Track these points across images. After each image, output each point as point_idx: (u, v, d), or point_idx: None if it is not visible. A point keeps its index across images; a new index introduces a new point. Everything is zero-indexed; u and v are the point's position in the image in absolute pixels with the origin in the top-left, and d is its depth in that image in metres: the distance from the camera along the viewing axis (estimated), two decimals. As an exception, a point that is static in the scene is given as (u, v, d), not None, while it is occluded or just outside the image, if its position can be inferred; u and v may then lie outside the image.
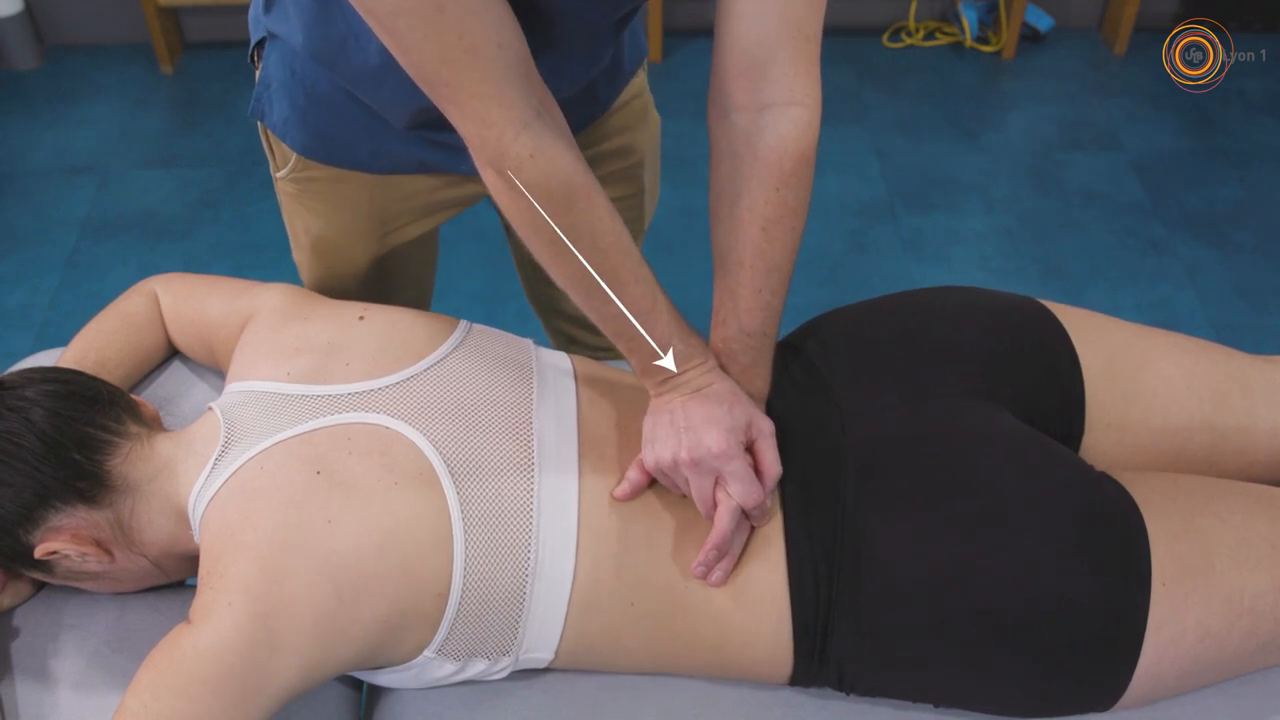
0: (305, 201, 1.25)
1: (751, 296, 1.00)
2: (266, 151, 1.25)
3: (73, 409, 1.01)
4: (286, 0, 1.07)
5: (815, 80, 0.94)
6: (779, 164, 0.95)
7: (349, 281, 1.32)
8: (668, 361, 1.00)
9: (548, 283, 1.23)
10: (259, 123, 1.22)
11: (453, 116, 0.89)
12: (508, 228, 1.36)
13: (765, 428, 1.01)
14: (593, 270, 0.95)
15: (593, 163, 1.24)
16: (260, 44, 1.16)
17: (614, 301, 0.97)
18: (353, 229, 1.26)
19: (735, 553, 1.00)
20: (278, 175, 1.25)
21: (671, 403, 1.01)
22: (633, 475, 1.02)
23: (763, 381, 1.05)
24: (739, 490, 0.97)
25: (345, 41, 1.03)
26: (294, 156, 1.21)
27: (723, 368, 1.03)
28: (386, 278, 1.34)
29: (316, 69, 1.10)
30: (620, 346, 1.01)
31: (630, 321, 0.98)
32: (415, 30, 0.83)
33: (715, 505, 0.99)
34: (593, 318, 1.00)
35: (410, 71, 0.88)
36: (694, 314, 1.05)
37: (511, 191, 0.91)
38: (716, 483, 0.99)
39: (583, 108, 1.21)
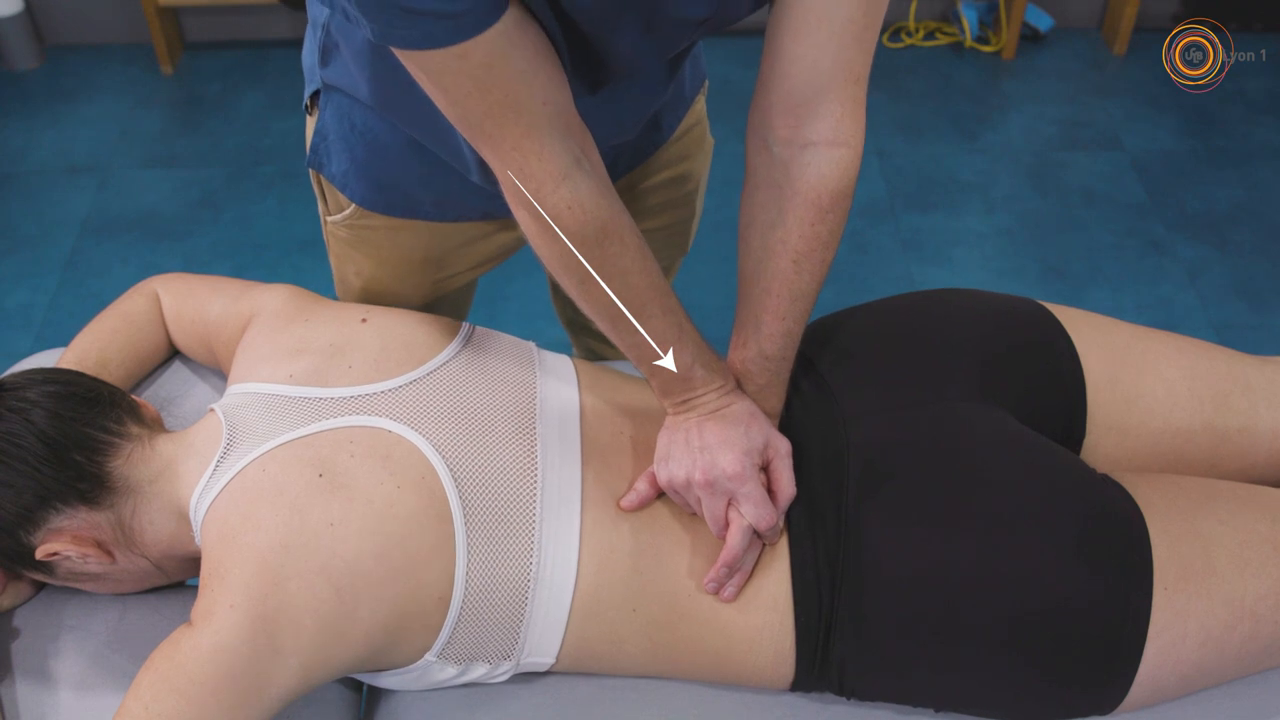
0: (359, 247, 1.24)
1: (774, 323, 1.00)
2: (317, 194, 1.23)
3: (74, 410, 1.01)
4: (344, 53, 1.05)
5: (861, 122, 0.93)
6: (817, 200, 0.95)
7: None
8: (686, 384, 1.00)
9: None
10: (314, 171, 1.20)
11: (492, 163, 0.89)
12: None
13: (782, 448, 1.01)
14: (621, 304, 0.96)
15: (650, 191, 1.25)
16: (315, 95, 1.15)
17: (639, 332, 0.98)
18: (407, 274, 1.25)
19: (747, 569, 1.00)
20: (330, 219, 1.23)
21: (688, 422, 1.01)
22: (641, 488, 1.02)
23: (777, 400, 1.05)
24: (752, 512, 0.97)
25: (414, 89, 0.98)
26: (351, 206, 1.19)
27: (739, 386, 1.04)
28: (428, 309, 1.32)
29: (377, 120, 1.09)
30: (642, 370, 1.02)
31: (654, 349, 0.99)
32: (462, 87, 0.83)
33: (727, 524, 0.99)
34: (616, 344, 1.01)
35: (453, 121, 0.88)
36: (694, 311, 1.05)
37: (545, 235, 0.91)
38: (729, 503, 0.98)
39: (645, 139, 1.21)
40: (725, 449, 0.98)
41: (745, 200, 1.00)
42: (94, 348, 1.17)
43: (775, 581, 1.00)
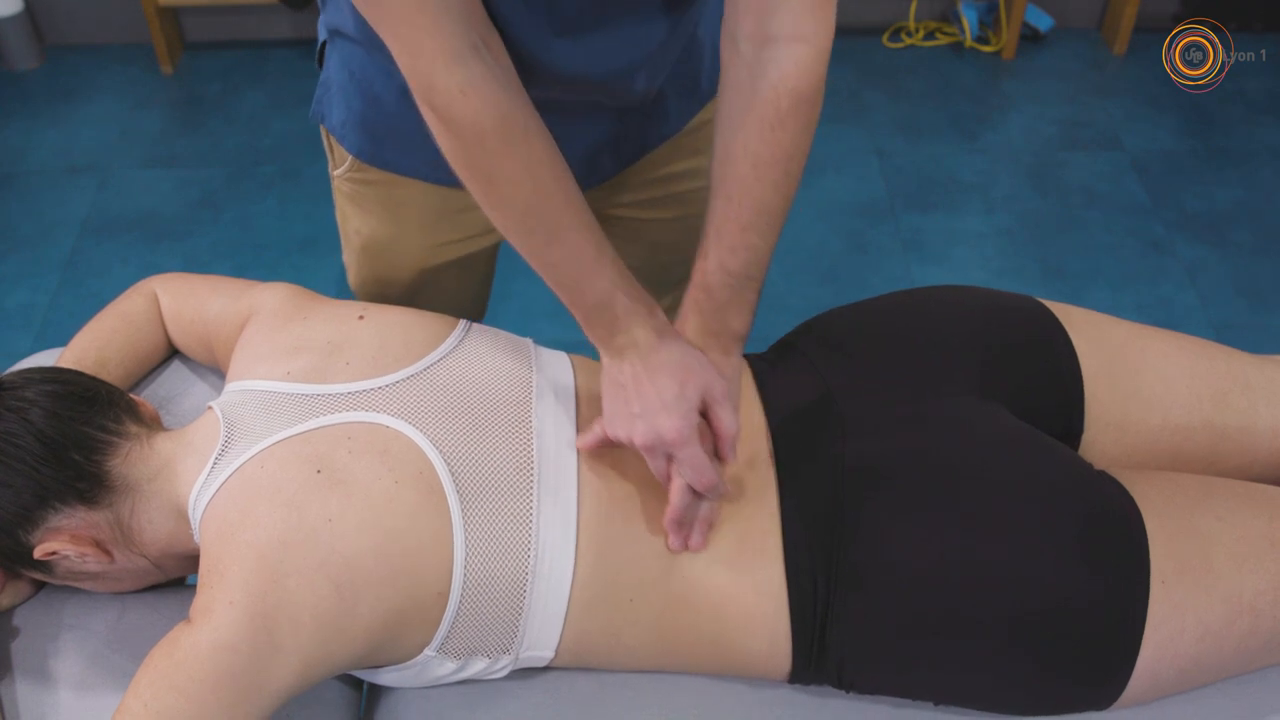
0: (359, 203, 1.24)
1: (736, 234, 0.98)
2: (326, 149, 1.24)
3: (72, 409, 1.01)
4: None
5: (827, 19, 0.91)
6: (775, 102, 0.93)
7: (394, 288, 1.30)
8: (610, 314, 0.97)
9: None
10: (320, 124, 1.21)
11: (390, 46, 0.88)
12: None
13: (718, 390, 0.98)
14: (531, 213, 0.93)
15: (661, 182, 1.22)
16: (324, 47, 1.15)
17: (554, 248, 0.95)
18: (402, 236, 1.24)
19: (702, 518, 0.99)
20: (334, 173, 1.24)
21: (623, 374, 0.98)
22: (596, 430, 1.01)
23: (739, 323, 1.01)
24: (691, 475, 0.96)
25: None
26: (350, 158, 1.20)
27: (695, 307, 1.01)
28: (433, 295, 1.31)
29: (374, 68, 1.09)
30: (562, 298, 0.98)
31: (570, 270, 0.96)
32: None
33: (670, 480, 0.98)
34: (533, 265, 0.97)
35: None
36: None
37: (443, 128, 0.89)
38: (670, 459, 0.98)
39: (652, 127, 1.20)
40: (663, 413, 0.96)
41: (719, 105, 0.99)
42: (93, 347, 1.17)
43: (767, 567, 1.00)
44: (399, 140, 1.14)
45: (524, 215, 0.94)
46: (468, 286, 1.37)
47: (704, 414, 0.99)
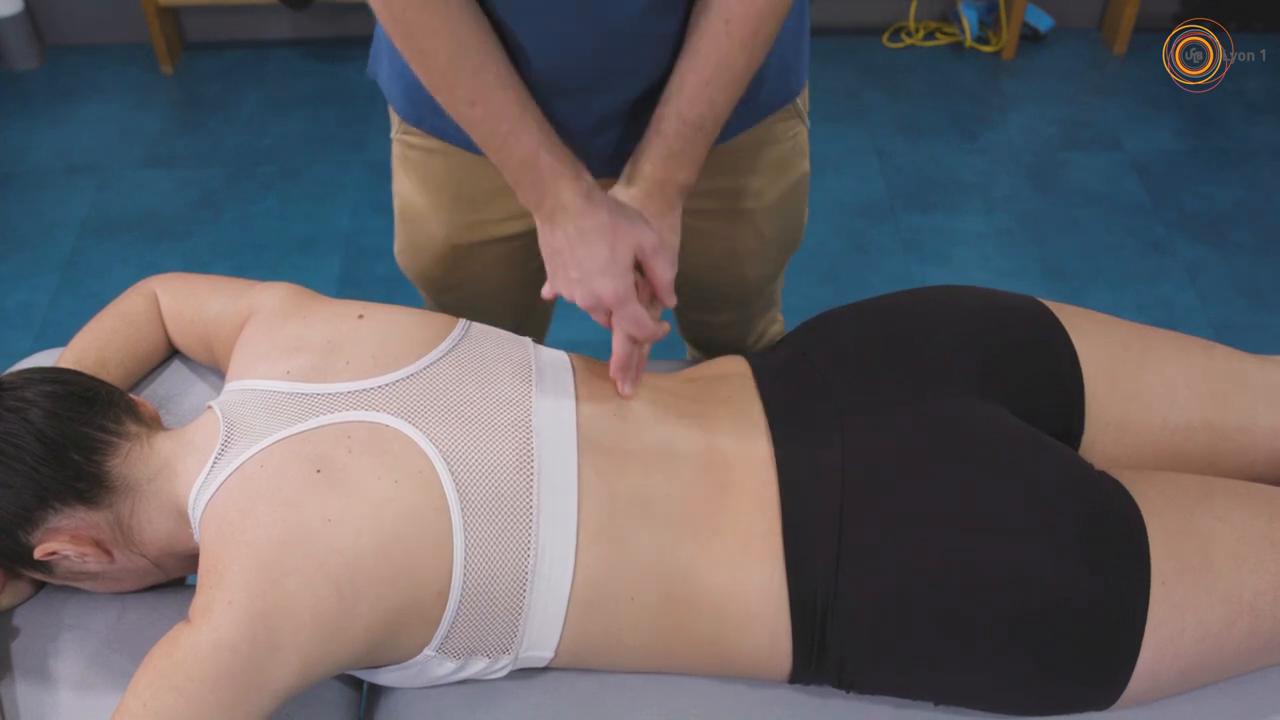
0: (403, 166, 1.26)
1: (698, 87, 1.01)
2: (388, 111, 1.27)
3: (72, 410, 1.01)
4: None
5: None
6: None
7: (429, 259, 1.31)
8: (535, 175, 1.02)
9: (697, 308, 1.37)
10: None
11: None
12: None
13: (648, 244, 1.03)
14: (452, 70, 0.97)
15: (693, 194, 1.17)
16: None
17: (476, 106, 0.99)
18: (437, 206, 1.25)
19: (640, 364, 1.08)
20: (391, 136, 1.27)
21: (557, 240, 1.04)
22: (545, 290, 1.09)
23: (685, 175, 1.06)
24: (631, 329, 1.05)
25: None
26: (398, 118, 1.22)
27: (647, 153, 1.05)
28: (469, 281, 1.31)
29: None
30: (491, 158, 1.03)
31: (495, 128, 1.00)
32: None
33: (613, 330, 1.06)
34: (462, 125, 1.02)
35: None
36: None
37: None
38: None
39: None
40: (599, 277, 1.02)
41: None
42: (93, 347, 1.17)
43: (768, 567, 1.00)
44: (431, 100, 1.13)
45: (445, 70, 0.97)
46: (507, 285, 1.34)
47: (640, 268, 1.05)
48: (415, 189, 1.26)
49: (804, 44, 1.20)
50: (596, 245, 1.02)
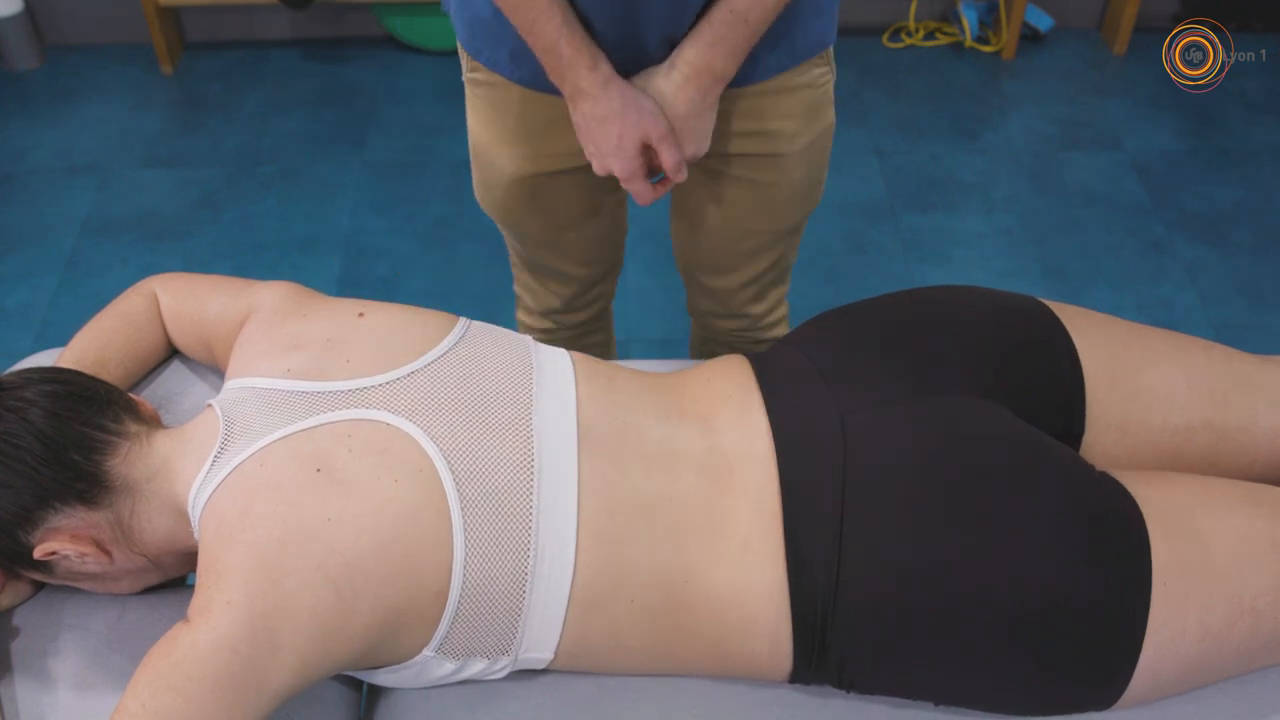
0: (472, 104, 1.33)
1: None
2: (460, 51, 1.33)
3: (72, 409, 1.01)
4: None
5: None
6: None
7: (500, 193, 1.37)
8: (557, 60, 1.13)
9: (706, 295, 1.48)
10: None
11: None
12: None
13: (655, 134, 1.16)
14: None
15: (740, 137, 1.28)
16: None
17: None
18: (500, 141, 1.31)
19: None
20: (463, 76, 1.33)
21: (579, 117, 1.18)
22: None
23: (723, 64, 1.14)
24: (636, 196, 1.23)
25: None
26: (466, 55, 1.28)
27: (692, 38, 1.13)
28: (545, 210, 1.38)
29: None
30: (529, 45, 1.14)
31: (526, 13, 1.10)
32: None
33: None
34: (503, 10, 1.12)
35: None
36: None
37: None
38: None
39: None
40: (610, 156, 1.18)
41: None
42: (92, 347, 1.17)
43: (769, 569, 1.00)
44: (487, 30, 1.22)
45: None
46: (579, 215, 1.41)
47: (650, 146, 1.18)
48: (481, 125, 1.33)
49: None
50: (607, 129, 1.16)
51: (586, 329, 1.63)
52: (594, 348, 1.67)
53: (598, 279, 1.53)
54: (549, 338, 1.62)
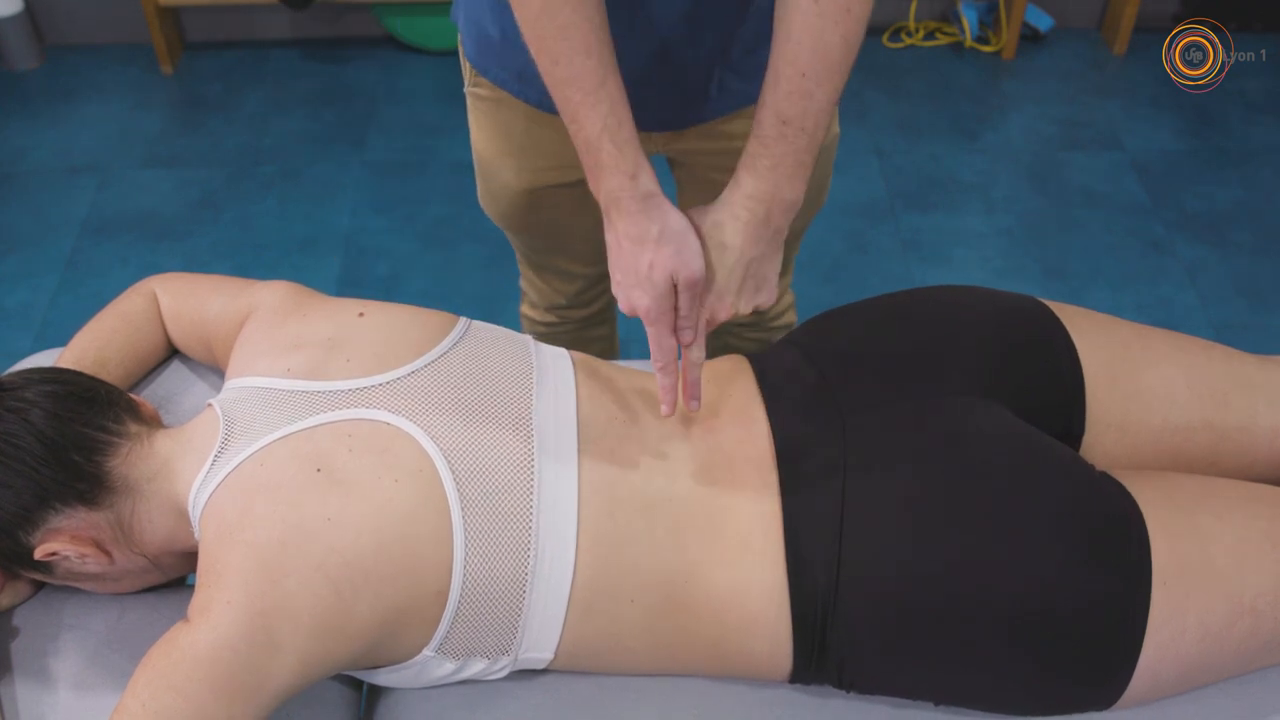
0: (475, 117, 1.31)
1: (793, 77, 0.94)
2: (461, 63, 1.29)
3: (72, 410, 1.01)
4: None
5: None
6: None
7: (505, 204, 1.35)
8: (596, 158, 0.99)
9: None
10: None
11: None
12: None
13: (686, 278, 1.00)
14: (544, 20, 0.94)
15: (694, 155, 1.23)
16: None
17: (560, 67, 0.96)
18: (505, 154, 1.28)
19: (689, 377, 1.03)
20: (465, 90, 1.30)
21: (612, 235, 1.03)
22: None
23: (792, 189, 0.99)
24: (653, 350, 1.03)
25: None
26: (470, 68, 1.25)
27: (749, 164, 1.00)
28: (549, 220, 1.34)
29: None
30: (566, 125, 1.00)
31: (571, 97, 0.97)
32: None
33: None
34: (549, 87, 0.99)
35: None
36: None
37: None
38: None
39: (690, 104, 1.20)
40: (637, 289, 1.01)
41: None
42: (92, 347, 1.17)
43: (769, 569, 1.00)
44: (494, 48, 1.18)
45: (536, 19, 0.94)
46: (585, 226, 1.36)
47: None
48: (485, 139, 1.31)
49: None
50: (636, 257, 1.00)
51: (589, 324, 1.63)
52: (597, 342, 1.67)
53: (602, 276, 1.53)
54: (551, 331, 1.62)
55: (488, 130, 1.30)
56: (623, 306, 1.05)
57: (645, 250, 1.00)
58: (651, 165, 1.02)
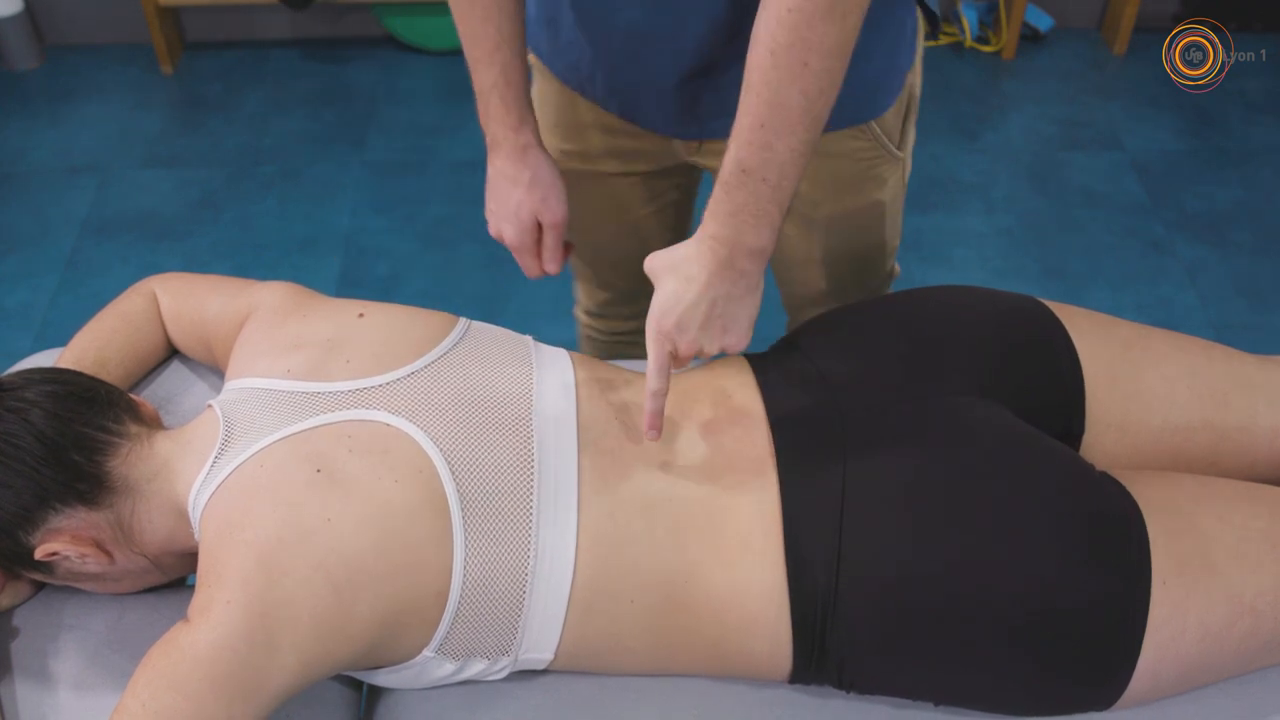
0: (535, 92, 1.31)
1: (752, 130, 0.92)
2: None
3: (72, 410, 1.01)
4: None
5: None
6: None
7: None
8: (485, 111, 1.14)
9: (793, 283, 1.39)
10: None
11: None
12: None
13: (549, 219, 1.17)
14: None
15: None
16: None
17: (462, 23, 1.10)
18: (546, 129, 1.28)
19: (647, 405, 1.02)
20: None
21: (490, 170, 1.18)
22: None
23: (755, 237, 0.96)
24: (524, 268, 1.24)
25: None
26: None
27: (712, 211, 0.97)
28: (576, 214, 1.30)
29: None
30: (470, 71, 1.12)
31: (472, 50, 1.11)
32: None
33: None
34: (459, 32, 1.12)
35: None
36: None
37: None
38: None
39: (700, 117, 1.17)
40: (505, 221, 1.19)
41: None
42: (92, 347, 1.17)
43: (769, 569, 1.00)
44: (534, 16, 1.21)
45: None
46: (611, 226, 1.38)
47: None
48: (538, 110, 1.28)
49: (880, 68, 1.16)
50: (508, 194, 1.17)
51: (622, 341, 1.61)
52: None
53: (634, 295, 1.47)
54: (584, 335, 1.63)
55: (537, 101, 1.28)
56: (491, 232, 1.21)
57: (516, 190, 1.17)
58: (534, 121, 1.17)
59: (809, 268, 1.34)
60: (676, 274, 0.99)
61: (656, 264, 1.01)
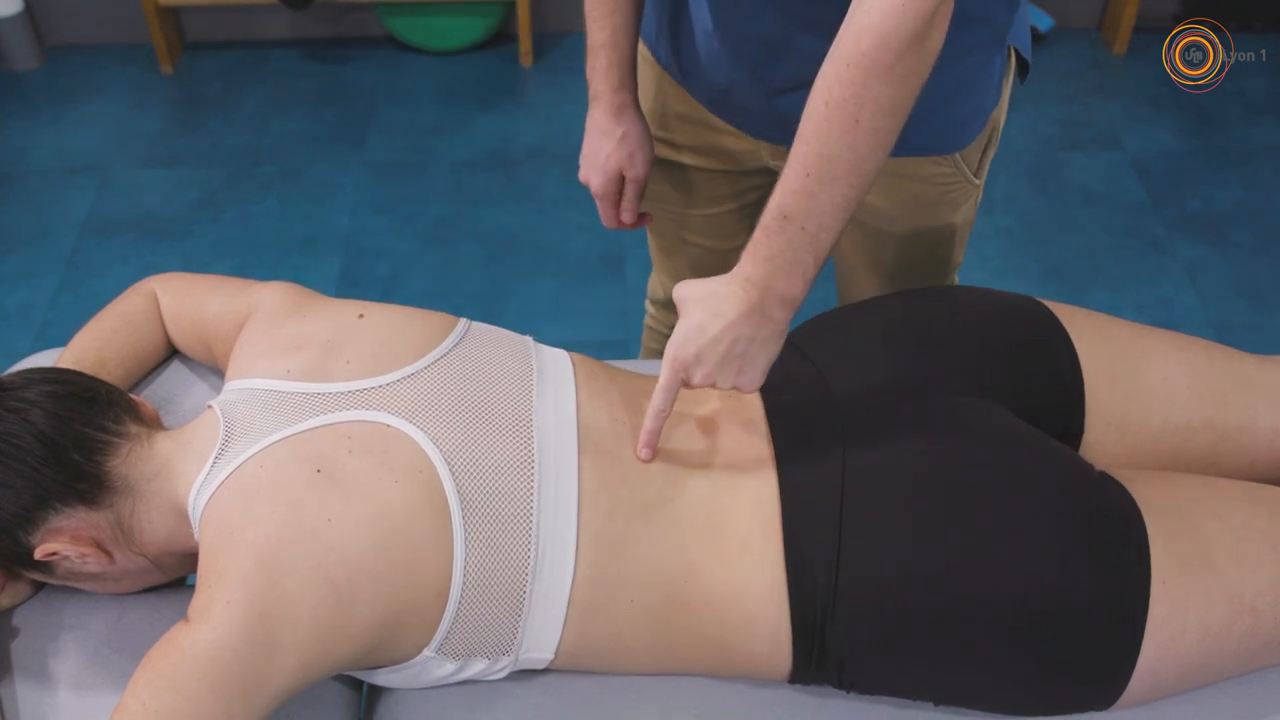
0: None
1: (798, 177, 0.93)
2: None
3: (72, 410, 1.01)
4: None
5: None
6: (856, 40, 0.88)
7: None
8: (591, 65, 1.24)
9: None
10: None
11: None
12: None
13: (633, 175, 1.27)
14: None
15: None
16: None
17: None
18: (648, 111, 1.33)
19: (645, 424, 1.04)
20: None
21: (591, 119, 1.27)
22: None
23: (786, 284, 0.96)
24: (602, 215, 1.31)
25: None
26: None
27: (749, 252, 0.98)
28: (654, 200, 1.39)
29: None
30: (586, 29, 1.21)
31: (591, 9, 1.21)
32: None
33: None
34: None
35: None
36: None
37: None
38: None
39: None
40: (592, 171, 1.28)
41: None
42: (92, 347, 1.17)
43: (768, 569, 1.00)
44: (653, 6, 1.26)
45: None
46: (697, 214, 1.42)
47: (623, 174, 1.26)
48: (640, 94, 1.34)
49: (968, 109, 1.20)
50: (599, 145, 1.26)
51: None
52: None
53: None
54: (660, 334, 1.67)
55: (641, 85, 1.32)
56: (580, 178, 1.29)
57: (607, 142, 1.25)
58: (634, 86, 1.25)
59: (873, 275, 1.38)
60: (705, 307, 0.97)
61: (687, 293, 1.00)
